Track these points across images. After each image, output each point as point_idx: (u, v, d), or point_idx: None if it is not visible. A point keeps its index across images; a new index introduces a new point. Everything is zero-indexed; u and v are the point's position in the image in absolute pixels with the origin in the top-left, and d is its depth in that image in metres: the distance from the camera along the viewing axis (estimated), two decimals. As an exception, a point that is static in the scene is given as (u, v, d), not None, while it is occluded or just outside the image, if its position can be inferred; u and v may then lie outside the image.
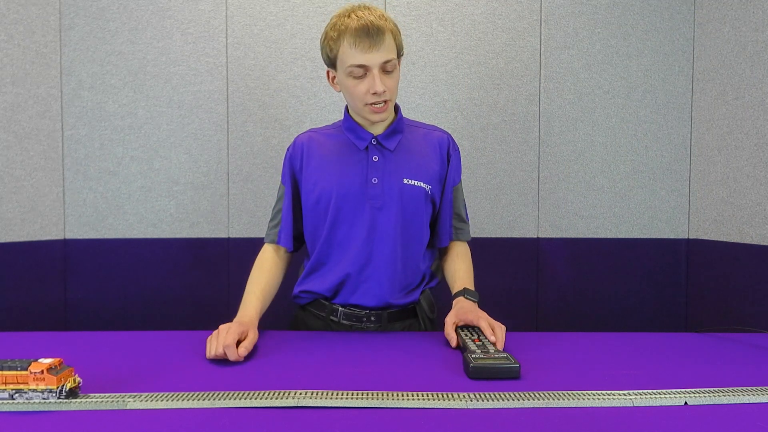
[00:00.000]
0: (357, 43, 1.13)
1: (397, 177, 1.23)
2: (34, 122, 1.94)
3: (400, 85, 1.90)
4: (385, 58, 1.14)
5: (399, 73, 1.21)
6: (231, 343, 1.01)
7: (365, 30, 1.12)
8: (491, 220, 2.07)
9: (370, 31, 1.12)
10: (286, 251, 1.32)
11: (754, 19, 1.87)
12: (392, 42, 1.16)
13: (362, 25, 1.12)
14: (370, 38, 1.12)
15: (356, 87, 1.17)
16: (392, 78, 1.18)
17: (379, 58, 1.14)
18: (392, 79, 1.18)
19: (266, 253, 1.31)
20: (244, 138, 2.03)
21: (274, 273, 1.29)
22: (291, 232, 1.30)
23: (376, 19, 1.14)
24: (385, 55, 1.14)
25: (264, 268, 1.29)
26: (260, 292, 1.24)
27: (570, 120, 2.06)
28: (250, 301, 1.22)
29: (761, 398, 0.83)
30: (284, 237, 1.30)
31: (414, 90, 2.04)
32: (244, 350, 1.02)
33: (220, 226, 2.03)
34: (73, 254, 2.00)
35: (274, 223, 1.32)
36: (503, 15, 2.04)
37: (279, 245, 1.30)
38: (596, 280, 2.09)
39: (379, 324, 1.27)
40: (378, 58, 1.14)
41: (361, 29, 1.12)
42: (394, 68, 1.18)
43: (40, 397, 0.78)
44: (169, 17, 2.00)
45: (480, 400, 0.81)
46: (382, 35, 1.13)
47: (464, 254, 1.36)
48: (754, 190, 1.87)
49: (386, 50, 1.14)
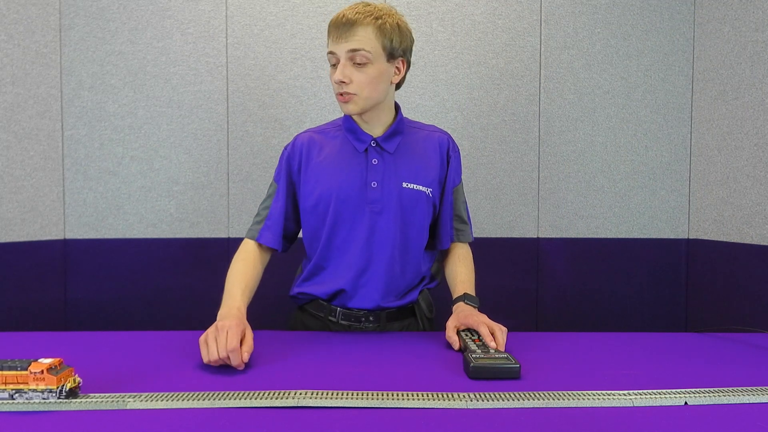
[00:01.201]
0: (331, 32, 1.19)
1: (397, 180, 1.23)
2: (34, 122, 1.93)
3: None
4: (352, 47, 1.15)
5: (380, 70, 1.18)
6: (236, 346, 0.95)
7: (339, 21, 1.17)
8: (491, 220, 2.07)
9: (340, 22, 1.17)
10: (267, 249, 1.28)
11: (754, 19, 1.87)
12: (370, 36, 1.16)
13: (338, 17, 1.18)
14: (339, 29, 1.17)
15: (331, 76, 1.20)
16: (363, 72, 1.16)
17: (345, 47, 1.16)
18: (363, 73, 1.16)
19: (248, 246, 1.26)
20: (244, 138, 2.03)
21: (257, 268, 1.24)
22: (279, 231, 1.26)
23: (352, 13, 1.17)
24: (351, 44, 1.15)
25: (248, 261, 1.23)
26: (245, 285, 1.18)
27: (570, 120, 2.06)
28: (236, 294, 1.15)
29: (761, 398, 0.83)
30: (269, 235, 1.26)
31: (414, 90, 2.04)
32: (247, 355, 0.96)
33: (220, 226, 2.03)
34: (73, 254, 2.00)
35: (259, 219, 1.28)
36: (503, 15, 2.04)
37: (260, 243, 1.26)
38: (596, 280, 2.09)
39: (378, 324, 1.27)
40: (344, 47, 1.16)
41: (335, 20, 1.18)
42: (366, 62, 1.16)
43: (40, 397, 0.78)
44: (169, 17, 2.00)
45: (480, 400, 0.81)
46: (352, 26, 1.15)
47: (465, 257, 1.35)
48: (754, 190, 1.87)
49: (357, 42, 1.15)
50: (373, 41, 1.16)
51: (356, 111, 1.21)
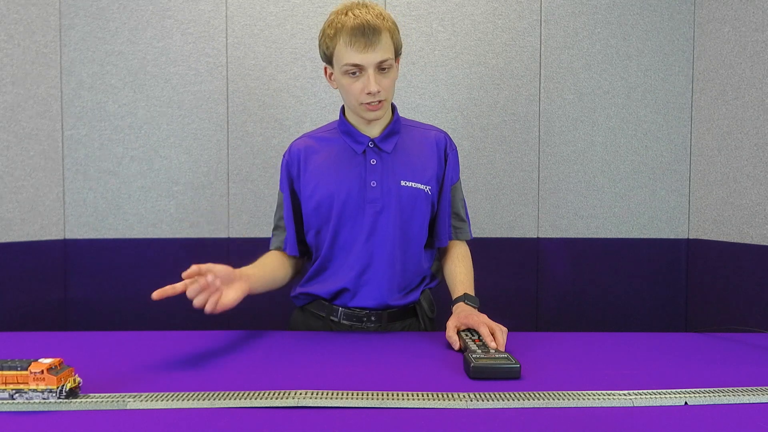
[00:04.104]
0: (353, 42, 1.12)
1: (395, 179, 1.23)
2: (34, 122, 1.93)
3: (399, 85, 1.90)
4: (381, 58, 1.13)
5: (396, 71, 1.21)
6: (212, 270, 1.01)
7: (361, 29, 1.11)
8: (491, 220, 2.07)
9: (365, 31, 1.11)
10: (294, 258, 1.32)
11: (754, 19, 1.87)
12: (389, 41, 1.15)
13: (358, 24, 1.11)
14: (365, 38, 1.11)
15: (351, 86, 1.16)
16: (388, 77, 1.17)
17: (374, 58, 1.13)
18: (388, 78, 1.17)
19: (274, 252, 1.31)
20: (244, 138, 2.03)
21: (276, 265, 1.27)
22: (294, 238, 1.30)
23: (372, 18, 1.12)
24: (380, 55, 1.13)
25: (271, 256, 1.28)
26: (262, 266, 1.21)
27: (570, 120, 2.06)
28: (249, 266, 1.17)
29: (761, 398, 0.83)
30: (290, 244, 1.30)
31: (414, 90, 2.04)
32: (217, 306, 0.99)
33: (220, 226, 2.03)
34: (73, 254, 2.00)
35: (278, 231, 1.32)
36: (503, 15, 2.04)
37: (285, 252, 1.30)
38: (596, 280, 2.09)
39: (380, 324, 1.27)
40: (373, 58, 1.13)
41: (357, 28, 1.11)
42: (390, 67, 1.16)
43: (40, 397, 0.78)
44: (169, 17, 2.00)
45: (480, 400, 0.81)
46: (378, 35, 1.12)
47: (464, 255, 1.35)
48: (754, 190, 1.87)
49: (382, 50, 1.13)
50: (391, 46, 1.16)
51: (382, 116, 1.22)
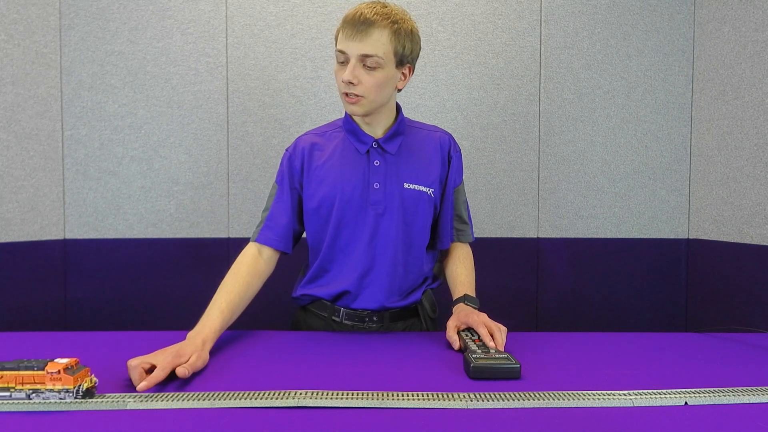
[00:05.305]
0: (344, 29, 1.15)
1: (398, 181, 1.23)
2: (34, 122, 1.93)
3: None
4: (366, 51, 1.12)
5: (388, 75, 1.17)
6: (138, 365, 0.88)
7: (354, 18, 1.13)
8: (491, 220, 2.07)
9: (356, 21, 1.13)
10: (274, 251, 1.26)
11: (754, 19, 1.87)
12: (384, 40, 1.14)
13: (354, 14, 1.14)
14: (354, 27, 1.12)
15: (337, 73, 1.18)
16: (372, 75, 1.15)
17: (358, 48, 1.12)
18: (371, 76, 1.15)
19: (246, 256, 1.23)
20: (244, 138, 2.03)
21: (249, 281, 1.19)
22: (280, 231, 1.25)
23: (370, 13, 1.13)
24: (366, 48, 1.12)
25: (240, 275, 1.19)
26: (227, 304, 1.12)
27: (570, 120, 2.06)
28: (214, 316, 1.09)
29: (761, 398, 0.83)
30: (273, 237, 1.24)
31: (414, 90, 2.04)
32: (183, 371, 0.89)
33: (220, 226, 2.03)
34: (73, 254, 2.00)
35: (270, 224, 1.26)
36: (503, 15, 2.04)
37: (264, 245, 1.24)
38: (596, 280, 2.09)
39: (381, 324, 1.27)
40: (357, 49, 1.13)
41: (351, 17, 1.14)
42: (377, 66, 1.14)
43: (57, 397, 0.79)
44: (169, 17, 2.00)
45: (480, 400, 0.81)
46: (369, 27, 1.12)
47: (465, 257, 1.35)
48: (754, 190, 1.87)
49: (371, 45, 1.12)
50: (386, 45, 1.14)
51: (360, 113, 1.20)
